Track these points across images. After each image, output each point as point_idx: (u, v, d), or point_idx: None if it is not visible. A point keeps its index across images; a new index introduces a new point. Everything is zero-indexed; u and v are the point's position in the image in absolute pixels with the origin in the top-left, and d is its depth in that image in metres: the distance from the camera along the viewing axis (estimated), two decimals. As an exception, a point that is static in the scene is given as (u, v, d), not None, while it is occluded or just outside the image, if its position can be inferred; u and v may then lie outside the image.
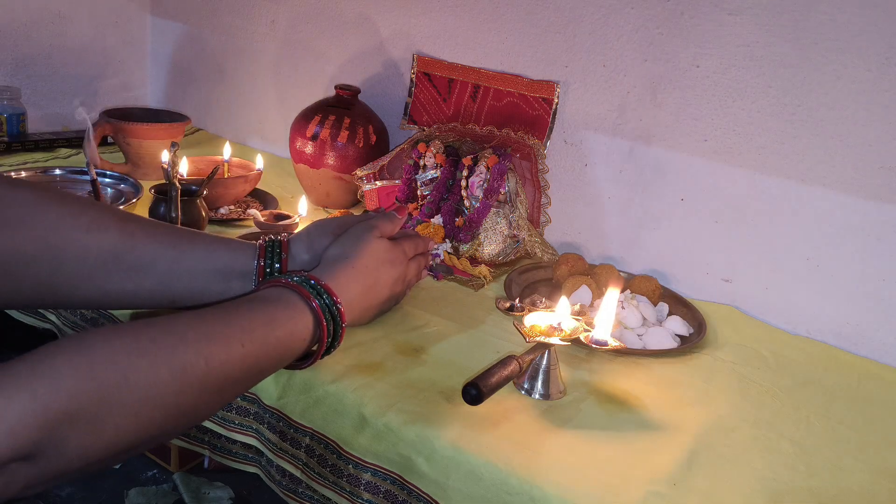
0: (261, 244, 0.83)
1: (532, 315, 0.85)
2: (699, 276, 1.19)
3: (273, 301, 0.71)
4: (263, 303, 0.70)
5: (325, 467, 0.80)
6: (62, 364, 0.51)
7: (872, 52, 0.99)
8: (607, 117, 1.22)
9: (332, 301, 0.73)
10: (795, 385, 0.95)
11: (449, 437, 0.74)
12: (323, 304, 0.73)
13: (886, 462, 0.82)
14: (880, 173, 1.02)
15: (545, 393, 0.84)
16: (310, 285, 0.73)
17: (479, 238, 1.20)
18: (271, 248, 0.83)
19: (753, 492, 0.72)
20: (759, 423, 0.85)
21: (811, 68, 1.04)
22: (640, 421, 0.82)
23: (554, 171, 1.28)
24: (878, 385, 0.99)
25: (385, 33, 1.45)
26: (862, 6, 0.99)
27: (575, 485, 0.69)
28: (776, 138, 1.09)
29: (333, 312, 0.73)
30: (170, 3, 1.80)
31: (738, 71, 1.09)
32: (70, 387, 0.51)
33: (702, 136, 1.14)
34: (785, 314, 1.12)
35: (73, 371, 0.51)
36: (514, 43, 1.29)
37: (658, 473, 0.72)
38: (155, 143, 1.37)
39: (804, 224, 1.09)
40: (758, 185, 1.11)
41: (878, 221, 1.03)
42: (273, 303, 0.70)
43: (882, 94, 1.00)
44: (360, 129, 1.33)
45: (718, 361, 0.99)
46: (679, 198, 1.19)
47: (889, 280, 1.04)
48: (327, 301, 0.73)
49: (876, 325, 1.06)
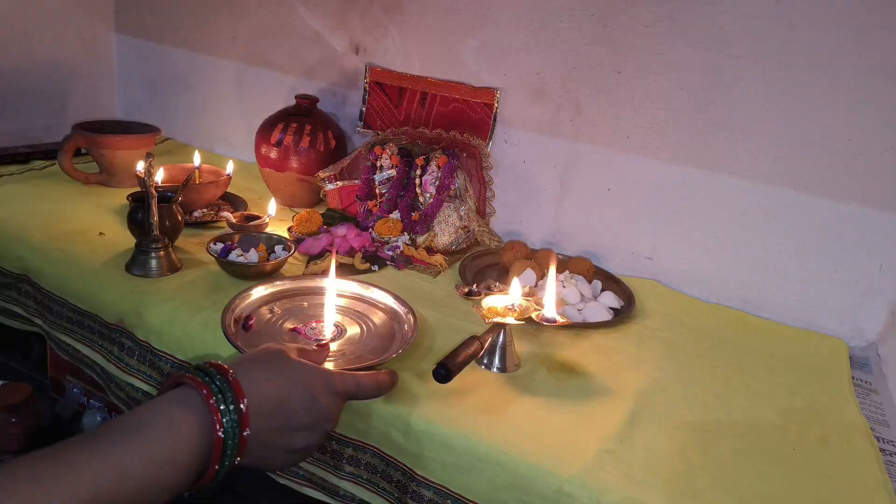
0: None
1: (489, 298, 0.84)
2: (626, 255, 1.20)
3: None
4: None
5: (309, 446, 0.78)
6: None
7: (767, 58, 1.02)
8: (542, 119, 1.22)
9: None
10: (713, 346, 0.98)
11: (422, 412, 0.73)
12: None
13: (790, 404, 0.85)
14: (775, 162, 1.05)
15: (502, 367, 0.83)
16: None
17: (434, 230, 1.18)
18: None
19: (687, 440, 0.74)
20: (686, 381, 0.87)
21: (716, 72, 1.06)
22: (587, 387, 0.83)
23: (497, 167, 1.27)
24: (779, 341, 1.03)
25: (339, 47, 1.41)
26: (757, 18, 1.01)
27: (536, 448, 0.69)
28: (688, 134, 1.10)
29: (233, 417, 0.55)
30: (133, 21, 1.70)
31: (654, 76, 1.10)
32: None
33: (624, 134, 1.15)
34: (699, 285, 1.15)
35: None
36: (457, 54, 1.27)
37: (606, 433, 0.73)
38: (127, 153, 1.30)
39: (713, 207, 1.11)
40: (673, 174, 1.13)
41: (774, 203, 1.07)
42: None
43: (775, 94, 1.03)
44: (321, 135, 1.29)
45: (647, 329, 1.01)
46: (606, 188, 1.19)
47: (784, 252, 1.08)
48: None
49: (774, 290, 1.10)
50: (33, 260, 1.01)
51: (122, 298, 0.91)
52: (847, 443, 0.78)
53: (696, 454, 0.72)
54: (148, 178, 0.96)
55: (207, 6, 1.56)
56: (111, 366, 0.91)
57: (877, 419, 0.86)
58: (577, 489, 0.65)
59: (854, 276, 1.04)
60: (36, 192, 1.25)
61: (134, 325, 0.89)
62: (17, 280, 1.03)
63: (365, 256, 1.10)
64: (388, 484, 0.74)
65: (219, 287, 0.95)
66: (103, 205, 1.22)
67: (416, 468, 0.72)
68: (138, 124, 1.42)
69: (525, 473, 0.67)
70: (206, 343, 0.84)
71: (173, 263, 0.99)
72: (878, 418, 0.87)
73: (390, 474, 0.74)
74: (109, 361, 0.92)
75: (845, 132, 1.00)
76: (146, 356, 0.88)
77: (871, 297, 1.04)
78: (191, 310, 0.88)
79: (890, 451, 0.80)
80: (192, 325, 0.85)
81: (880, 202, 1.00)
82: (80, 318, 0.95)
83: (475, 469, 0.69)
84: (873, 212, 1.01)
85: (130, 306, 0.90)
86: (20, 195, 1.22)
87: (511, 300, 0.84)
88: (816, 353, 1.00)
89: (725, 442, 0.75)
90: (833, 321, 1.06)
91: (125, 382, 0.90)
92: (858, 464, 0.74)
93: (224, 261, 0.97)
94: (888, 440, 0.82)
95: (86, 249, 1.03)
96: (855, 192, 1.01)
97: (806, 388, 0.89)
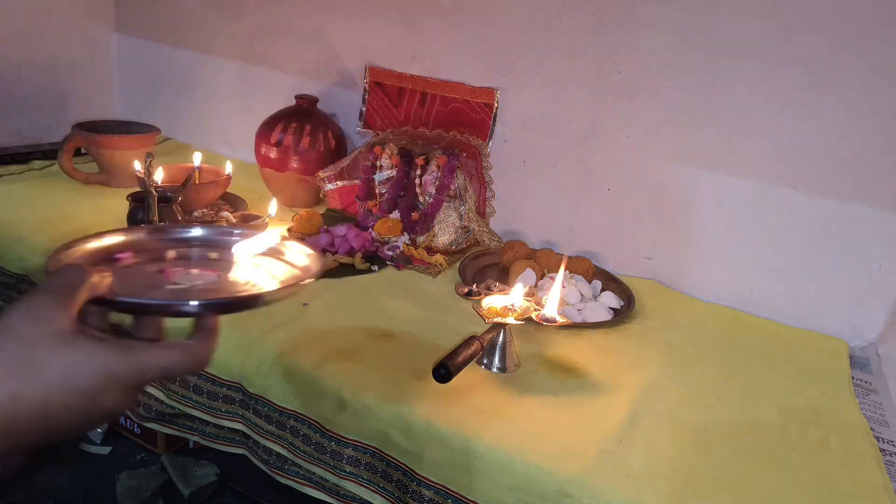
0: None
1: (488, 298, 0.84)
2: (626, 255, 1.20)
3: None
4: None
5: (309, 445, 0.78)
6: None
7: (767, 58, 1.02)
8: (541, 119, 1.22)
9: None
10: (712, 346, 0.98)
11: (421, 412, 0.73)
12: None
13: (790, 404, 0.85)
14: (776, 161, 1.05)
15: (502, 367, 0.83)
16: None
17: (434, 230, 1.18)
18: None
19: (687, 440, 0.74)
20: (686, 381, 0.86)
21: (716, 72, 1.06)
22: (586, 386, 0.83)
23: (497, 167, 1.27)
24: (779, 341, 1.03)
25: (339, 47, 1.41)
26: (756, 19, 1.01)
27: (535, 448, 0.69)
28: (687, 133, 1.10)
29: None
30: (134, 21, 1.69)
31: (653, 76, 1.10)
32: None
33: (624, 134, 1.15)
34: (699, 285, 1.15)
35: None
36: (457, 54, 1.27)
37: (606, 433, 0.73)
38: (127, 152, 1.30)
39: (713, 207, 1.11)
40: (673, 174, 1.13)
41: (774, 203, 1.06)
42: None
43: (776, 94, 1.02)
44: (321, 135, 1.29)
45: (647, 329, 1.01)
46: (606, 188, 1.19)
47: (784, 252, 1.08)
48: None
49: (774, 290, 1.10)
50: (33, 260, 1.01)
51: (121, 298, 0.91)
52: (847, 443, 0.78)
53: (696, 454, 0.71)
54: (148, 178, 0.96)
55: (207, 6, 1.56)
56: (111, 366, 0.91)
57: (877, 419, 0.86)
58: (577, 489, 0.65)
59: (854, 276, 1.04)
60: (36, 192, 1.25)
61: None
62: (17, 280, 1.03)
63: (365, 256, 1.10)
64: (388, 484, 0.74)
65: (219, 287, 0.95)
66: (103, 205, 1.22)
67: (416, 468, 0.72)
68: (138, 124, 1.42)
69: (525, 473, 0.66)
70: (206, 343, 0.84)
71: (173, 263, 0.99)
72: (878, 418, 0.87)
73: (390, 474, 0.74)
74: (109, 361, 0.91)
75: (845, 132, 1.00)
76: (146, 356, 0.88)
77: (871, 297, 1.04)
78: (191, 310, 0.88)
79: (890, 451, 0.80)
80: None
81: (880, 202, 1.00)
82: (80, 318, 0.95)
83: (475, 469, 0.68)
84: (873, 212, 1.00)
85: (130, 306, 0.90)
86: (20, 195, 1.22)
87: (511, 300, 0.84)
88: (816, 353, 1.00)
89: (725, 442, 0.74)
90: (833, 321, 1.06)
91: (125, 382, 0.90)
92: (858, 464, 0.74)
93: (224, 261, 0.97)
94: (888, 440, 0.82)
95: (86, 249, 1.03)
96: (855, 192, 1.01)
97: (806, 388, 0.89)
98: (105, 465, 1.30)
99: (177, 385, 0.86)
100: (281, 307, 0.90)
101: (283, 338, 0.83)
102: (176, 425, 0.89)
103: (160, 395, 0.87)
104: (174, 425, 0.89)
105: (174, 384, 0.86)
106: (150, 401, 0.89)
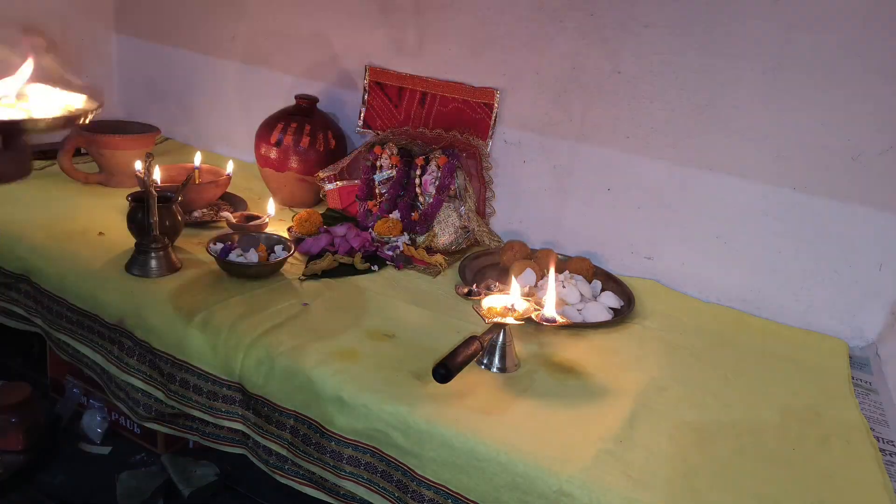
0: None
1: (488, 298, 0.84)
2: (625, 255, 1.20)
3: None
4: None
5: (309, 445, 0.78)
6: None
7: (766, 59, 1.02)
8: (541, 119, 1.22)
9: None
10: (712, 346, 0.98)
11: (421, 412, 0.73)
12: None
13: (790, 404, 0.85)
14: (776, 161, 1.05)
15: (502, 367, 0.83)
16: None
17: (434, 230, 1.18)
18: None
19: (687, 440, 0.74)
20: (686, 381, 0.86)
21: (716, 72, 1.06)
22: (586, 386, 0.83)
23: (496, 167, 1.27)
24: (778, 341, 1.02)
25: (338, 47, 1.41)
26: (756, 19, 1.01)
27: (536, 448, 0.69)
28: (688, 133, 1.10)
29: None
30: (134, 22, 1.69)
31: (653, 76, 1.10)
32: None
33: (624, 134, 1.15)
34: (699, 285, 1.15)
35: None
36: (457, 54, 1.27)
37: (606, 432, 0.73)
38: (127, 153, 1.30)
39: (713, 207, 1.11)
40: (673, 174, 1.13)
41: (774, 203, 1.06)
42: None
43: (775, 94, 1.02)
44: (320, 135, 1.29)
45: (647, 329, 1.01)
46: (606, 188, 1.19)
47: (784, 252, 1.08)
48: None
49: (774, 290, 1.10)
50: (33, 260, 1.01)
51: (121, 298, 0.91)
52: (847, 443, 0.78)
53: (696, 454, 0.71)
54: (148, 178, 0.96)
55: (207, 6, 1.56)
56: (111, 365, 0.91)
57: (877, 419, 0.86)
58: (577, 489, 0.65)
59: (854, 276, 1.04)
60: (36, 192, 1.25)
61: (133, 325, 0.89)
62: (17, 280, 1.03)
63: (365, 256, 1.10)
64: (388, 484, 0.74)
65: (219, 287, 0.95)
66: (103, 205, 1.22)
67: (416, 468, 0.72)
68: (138, 124, 1.42)
69: (525, 473, 0.66)
70: (206, 342, 0.84)
71: (173, 263, 0.99)
72: (877, 418, 0.87)
73: (390, 474, 0.74)
74: (109, 361, 0.91)
75: (845, 132, 0.99)
76: (146, 356, 0.88)
77: (871, 297, 1.04)
78: (190, 310, 0.88)
79: (890, 451, 0.80)
80: (191, 325, 0.85)
81: (880, 202, 1.00)
82: (80, 318, 0.95)
83: (475, 469, 0.68)
84: (873, 212, 1.00)
85: (130, 306, 0.90)
86: (20, 195, 1.22)
87: (511, 300, 0.84)
88: (816, 353, 1.00)
89: (725, 442, 0.74)
90: (833, 321, 1.06)
91: (125, 382, 0.90)
92: (858, 464, 0.74)
93: (224, 261, 0.97)
94: (888, 440, 0.82)
95: (86, 249, 1.03)
96: (855, 192, 1.01)
97: (806, 388, 0.89)
98: (105, 465, 1.30)
99: (177, 385, 0.86)
100: (281, 307, 0.90)
101: (283, 338, 0.83)
102: (176, 425, 0.89)
103: (160, 395, 0.88)
104: (174, 425, 0.89)
105: (174, 384, 0.86)
106: (150, 401, 0.89)
